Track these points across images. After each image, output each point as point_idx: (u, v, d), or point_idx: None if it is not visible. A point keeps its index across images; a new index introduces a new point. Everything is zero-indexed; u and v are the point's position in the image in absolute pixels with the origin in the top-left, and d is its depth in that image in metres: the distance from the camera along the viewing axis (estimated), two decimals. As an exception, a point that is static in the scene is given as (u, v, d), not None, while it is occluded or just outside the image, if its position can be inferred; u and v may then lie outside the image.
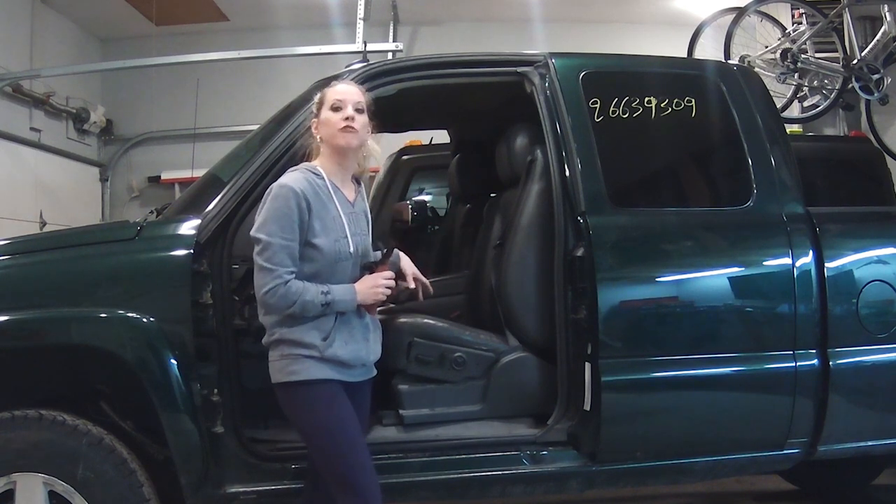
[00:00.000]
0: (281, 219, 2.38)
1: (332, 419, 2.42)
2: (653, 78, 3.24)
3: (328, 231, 2.43)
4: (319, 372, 2.41)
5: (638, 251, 3.03)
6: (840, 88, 5.25)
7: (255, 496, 2.72)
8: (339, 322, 2.44)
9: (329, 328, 2.42)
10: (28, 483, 2.59)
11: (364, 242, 2.56)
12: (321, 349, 2.40)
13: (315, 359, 2.40)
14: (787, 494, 4.19)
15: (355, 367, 2.50)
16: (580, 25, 7.84)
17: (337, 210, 2.47)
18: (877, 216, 3.64)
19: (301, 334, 2.41)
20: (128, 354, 2.61)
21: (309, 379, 2.40)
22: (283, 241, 2.36)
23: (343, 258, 2.46)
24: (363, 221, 2.60)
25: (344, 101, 2.50)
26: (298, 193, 2.39)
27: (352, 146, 2.50)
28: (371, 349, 2.56)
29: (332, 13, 7.38)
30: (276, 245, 2.36)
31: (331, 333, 2.42)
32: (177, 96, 7.53)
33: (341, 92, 2.53)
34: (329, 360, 2.42)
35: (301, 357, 2.40)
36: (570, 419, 2.92)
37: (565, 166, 2.97)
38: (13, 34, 7.02)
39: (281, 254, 2.36)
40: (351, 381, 2.49)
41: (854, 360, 3.05)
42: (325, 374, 2.41)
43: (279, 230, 2.37)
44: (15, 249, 2.88)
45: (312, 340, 2.40)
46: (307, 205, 2.40)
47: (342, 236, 2.46)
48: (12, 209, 6.68)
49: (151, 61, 6.95)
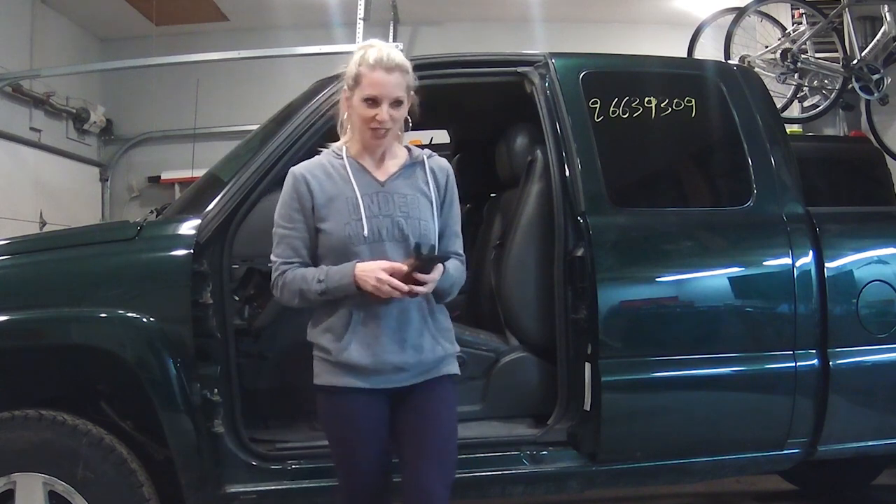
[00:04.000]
0: (282, 206, 2.28)
1: (332, 431, 2.31)
2: (653, 78, 3.24)
3: (338, 214, 2.23)
4: (333, 378, 2.24)
5: (638, 251, 3.02)
6: (840, 88, 5.24)
7: (255, 496, 2.71)
8: (357, 321, 2.22)
9: (342, 330, 2.23)
10: (28, 483, 2.59)
11: (400, 226, 2.24)
12: (334, 354, 2.23)
13: (330, 363, 2.25)
14: (787, 494, 4.19)
15: (384, 372, 2.23)
16: (580, 25, 7.84)
17: (354, 191, 2.24)
18: (877, 216, 3.64)
19: (317, 336, 2.28)
20: (128, 354, 2.61)
21: (323, 384, 2.27)
22: (283, 230, 2.27)
23: (356, 242, 2.21)
24: (405, 202, 2.27)
25: (380, 97, 2.22)
26: (298, 177, 2.27)
27: (378, 147, 2.30)
28: (416, 348, 2.25)
29: (332, 13, 7.38)
30: (277, 235, 2.27)
31: (345, 335, 2.22)
32: (177, 96, 7.52)
33: (380, 84, 2.21)
34: (344, 366, 2.22)
35: (319, 360, 2.28)
36: (570, 419, 2.91)
37: (565, 166, 2.96)
38: (13, 34, 7.02)
39: (281, 244, 2.26)
40: (388, 387, 2.25)
41: (854, 360, 3.05)
42: (338, 382, 2.23)
43: (280, 219, 2.28)
44: (15, 249, 2.88)
45: (326, 344, 2.25)
46: (308, 188, 2.25)
47: (355, 219, 2.22)
48: (12, 209, 6.68)
49: (151, 61, 6.94)
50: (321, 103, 2.87)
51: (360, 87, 2.24)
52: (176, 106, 7.53)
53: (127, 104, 8.41)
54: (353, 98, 2.26)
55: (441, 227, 2.34)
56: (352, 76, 2.26)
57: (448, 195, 2.38)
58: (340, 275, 2.18)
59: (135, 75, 7.86)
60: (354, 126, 2.30)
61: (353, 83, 2.26)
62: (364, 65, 2.24)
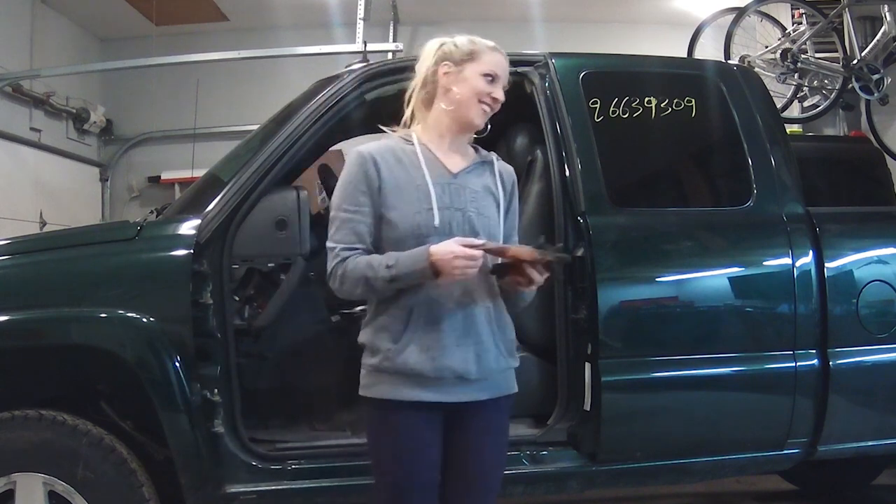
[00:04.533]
0: (345, 187, 2.10)
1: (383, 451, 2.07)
2: (653, 78, 3.24)
3: (408, 202, 2.07)
4: (389, 390, 2.03)
5: (638, 251, 3.03)
6: (840, 88, 5.24)
7: (255, 496, 2.71)
8: (417, 321, 2.04)
9: (401, 329, 2.04)
10: (28, 483, 2.59)
11: (471, 221, 2.11)
12: (390, 355, 2.02)
13: (386, 372, 2.03)
14: (787, 494, 4.19)
15: (444, 380, 2.03)
16: (580, 25, 7.83)
17: (424, 179, 2.10)
18: (877, 216, 3.64)
19: (370, 336, 2.09)
20: (128, 354, 2.61)
21: (377, 398, 2.05)
22: (345, 213, 2.08)
23: (426, 233, 2.05)
24: (476, 198, 2.16)
25: (499, 77, 2.16)
26: (366, 157, 2.10)
27: (477, 128, 2.19)
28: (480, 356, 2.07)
29: (332, 13, 7.37)
30: (338, 219, 2.09)
31: (403, 336, 2.03)
32: (177, 96, 7.51)
33: (499, 64, 2.17)
34: (400, 372, 2.02)
35: (371, 368, 2.07)
36: (570, 419, 2.91)
37: (565, 166, 2.96)
38: (13, 34, 7.01)
39: (343, 229, 2.07)
40: (445, 400, 2.04)
41: (854, 360, 3.06)
42: (395, 395, 2.02)
43: (342, 201, 2.10)
44: (15, 249, 2.88)
45: (380, 344, 2.05)
46: (377, 171, 2.09)
47: (426, 208, 2.07)
48: (12, 209, 6.67)
49: (151, 61, 6.93)
50: (321, 103, 2.87)
51: (478, 62, 2.15)
52: (176, 106, 7.53)
53: (127, 104, 8.41)
54: (466, 71, 2.14)
55: (505, 232, 2.21)
56: (465, 52, 2.15)
57: (513, 202, 2.27)
58: (413, 259, 1.99)
59: (135, 75, 7.86)
60: (454, 103, 2.15)
61: (467, 58, 2.15)
62: (480, 45, 2.18)
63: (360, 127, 3.13)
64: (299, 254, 2.93)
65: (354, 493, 2.79)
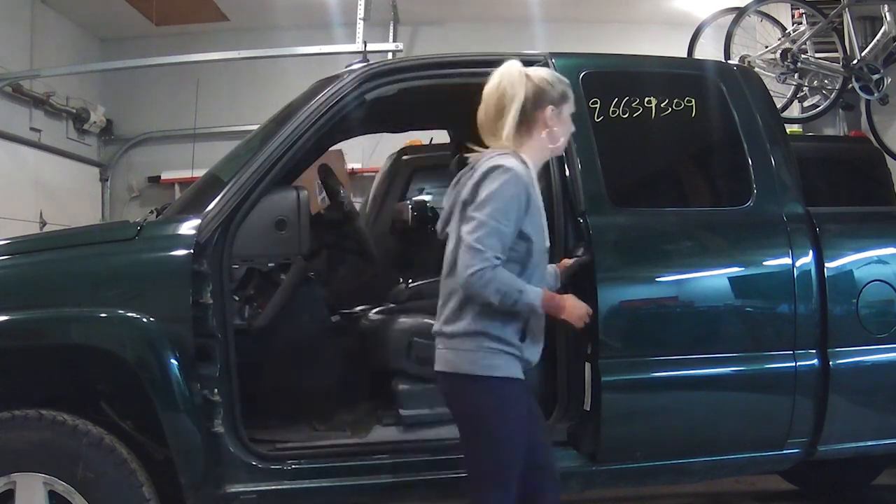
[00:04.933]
0: (502, 201, 2.28)
1: (517, 419, 2.37)
2: (653, 78, 3.25)
3: (538, 224, 2.38)
4: (517, 370, 2.37)
5: (638, 251, 3.03)
6: (840, 88, 5.25)
7: (255, 496, 2.71)
8: (532, 322, 2.39)
9: (522, 327, 2.36)
10: (28, 483, 2.59)
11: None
12: (521, 349, 2.35)
13: (515, 357, 2.35)
14: (787, 494, 4.19)
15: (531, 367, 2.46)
16: (580, 25, 7.84)
17: (540, 202, 2.40)
18: (877, 216, 3.64)
19: (501, 330, 2.33)
20: (128, 354, 2.61)
21: (507, 376, 2.34)
22: (499, 224, 2.26)
23: (545, 252, 2.43)
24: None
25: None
26: (526, 179, 2.32)
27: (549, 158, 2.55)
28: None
29: (332, 13, 7.38)
30: (491, 227, 2.26)
31: (525, 333, 2.37)
32: (177, 96, 7.53)
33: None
34: (522, 360, 2.38)
35: (502, 353, 2.33)
36: (570, 419, 2.92)
37: (565, 166, 2.96)
38: (13, 34, 7.02)
39: (493, 237, 2.25)
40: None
41: (854, 360, 3.06)
42: (519, 374, 2.38)
43: (497, 213, 2.27)
44: (15, 249, 2.88)
45: (511, 338, 2.34)
46: (528, 192, 2.32)
47: (546, 231, 2.43)
48: (12, 209, 6.68)
49: (151, 61, 6.95)
50: (321, 103, 2.87)
51: (570, 103, 2.47)
52: (176, 106, 7.54)
53: (127, 104, 8.42)
54: (563, 113, 2.45)
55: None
56: (559, 93, 2.44)
57: None
58: (534, 296, 2.31)
59: (135, 75, 7.87)
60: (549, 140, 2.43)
61: (562, 99, 2.45)
62: (566, 84, 2.48)
63: (360, 127, 3.13)
64: (299, 254, 2.93)
65: (354, 493, 2.79)
